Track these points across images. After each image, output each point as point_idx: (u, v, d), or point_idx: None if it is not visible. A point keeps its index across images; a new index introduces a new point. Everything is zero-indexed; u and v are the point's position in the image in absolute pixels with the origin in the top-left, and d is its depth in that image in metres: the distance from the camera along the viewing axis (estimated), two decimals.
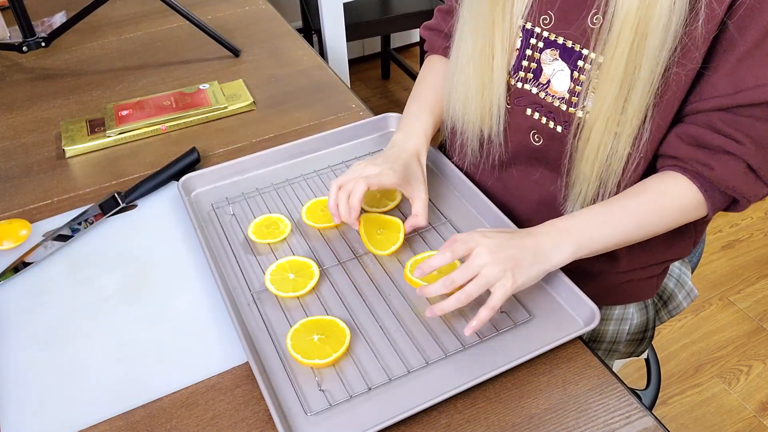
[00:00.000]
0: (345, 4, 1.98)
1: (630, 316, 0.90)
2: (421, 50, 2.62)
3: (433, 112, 0.87)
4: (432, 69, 0.93)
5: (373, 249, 0.78)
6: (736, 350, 1.68)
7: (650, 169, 0.74)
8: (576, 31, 0.71)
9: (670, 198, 0.70)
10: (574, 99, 0.73)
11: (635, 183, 0.73)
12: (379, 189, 0.77)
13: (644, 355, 1.03)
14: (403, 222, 0.80)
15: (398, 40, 2.89)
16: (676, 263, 0.97)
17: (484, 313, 0.64)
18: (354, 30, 2.16)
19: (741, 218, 2.04)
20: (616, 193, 0.73)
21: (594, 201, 0.74)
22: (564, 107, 0.74)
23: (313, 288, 0.74)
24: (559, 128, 0.76)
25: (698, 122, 0.68)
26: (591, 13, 0.68)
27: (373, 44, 2.90)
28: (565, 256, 0.68)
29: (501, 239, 0.67)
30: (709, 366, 1.65)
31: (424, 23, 0.98)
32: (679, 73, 0.65)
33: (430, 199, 0.87)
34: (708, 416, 1.54)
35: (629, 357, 0.98)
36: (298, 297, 0.74)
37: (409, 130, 0.84)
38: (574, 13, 0.70)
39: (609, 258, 0.82)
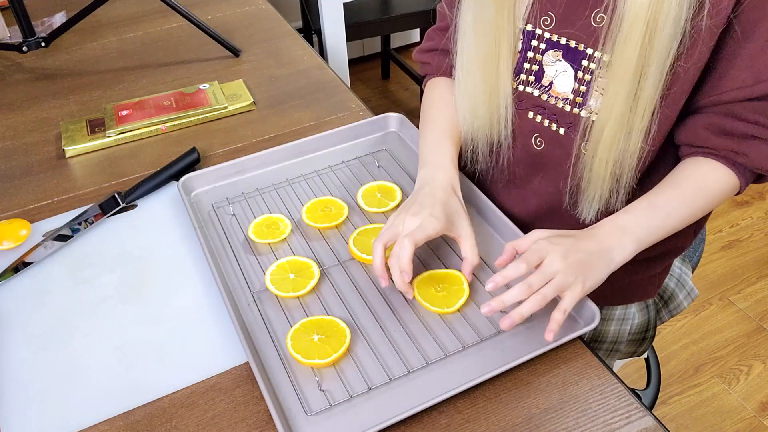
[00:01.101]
0: (345, 4, 1.98)
1: (631, 316, 0.90)
2: None
3: (453, 140, 0.82)
4: (439, 92, 0.89)
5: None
6: (736, 350, 1.68)
7: (657, 159, 0.74)
8: (580, 31, 0.70)
9: (711, 183, 0.71)
10: (579, 99, 0.72)
11: (649, 173, 0.73)
12: (427, 240, 0.71)
13: (644, 355, 1.03)
14: (460, 270, 0.74)
15: (398, 40, 2.89)
16: (677, 263, 0.97)
17: (558, 316, 0.64)
18: (354, 30, 2.16)
19: (741, 218, 2.05)
20: (631, 188, 0.73)
21: (608, 200, 0.74)
22: (568, 108, 0.74)
23: (313, 288, 0.74)
24: (561, 130, 0.75)
25: (721, 112, 0.69)
26: (594, 12, 0.68)
27: (373, 44, 2.90)
28: (627, 254, 0.68)
29: (568, 245, 0.66)
30: (709, 366, 1.65)
31: (418, 48, 0.93)
32: (686, 67, 0.65)
33: None
34: (708, 416, 1.54)
35: (630, 357, 0.98)
36: (298, 297, 0.74)
37: (435, 163, 0.79)
38: (577, 12, 0.70)
39: None
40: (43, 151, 1.02)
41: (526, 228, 0.81)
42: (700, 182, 0.71)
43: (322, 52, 2.06)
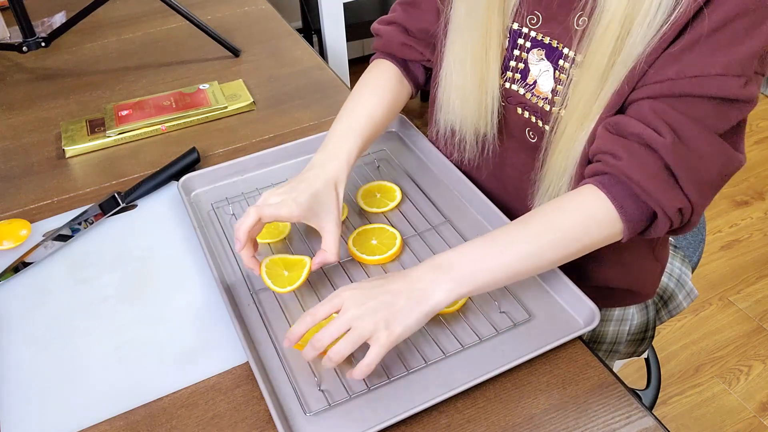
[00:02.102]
0: (345, 4, 1.98)
1: (630, 316, 0.90)
2: None
3: (362, 134, 0.79)
4: (375, 77, 0.86)
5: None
6: (736, 350, 1.68)
7: None
8: (562, 32, 0.70)
9: (571, 212, 0.64)
10: (557, 99, 0.72)
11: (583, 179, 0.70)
12: (276, 220, 0.71)
13: (644, 355, 1.03)
14: (311, 258, 0.74)
15: None
16: (677, 264, 0.97)
17: (361, 370, 0.59)
18: (354, 30, 2.16)
19: (740, 218, 2.05)
20: (569, 189, 0.71)
21: (553, 196, 0.73)
22: (547, 107, 0.74)
23: (307, 278, 0.73)
24: (546, 127, 0.76)
25: (627, 111, 0.64)
26: (577, 15, 0.68)
27: None
28: (444, 295, 0.61)
29: (369, 287, 0.62)
30: (709, 366, 1.65)
31: (381, 18, 0.90)
32: (641, 66, 0.62)
33: (429, 199, 0.87)
34: (708, 416, 1.54)
35: (630, 357, 0.98)
36: (293, 290, 0.72)
37: (332, 152, 0.77)
38: (561, 12, 0.70)
39: (596, 263, 0.82)
40: (43, 151, 1.02)
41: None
42: (556, 214, 0.64)
43: (322, 52, 2.06)
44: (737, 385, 1.60)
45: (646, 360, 1.09)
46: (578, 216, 0.64)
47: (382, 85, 0.86)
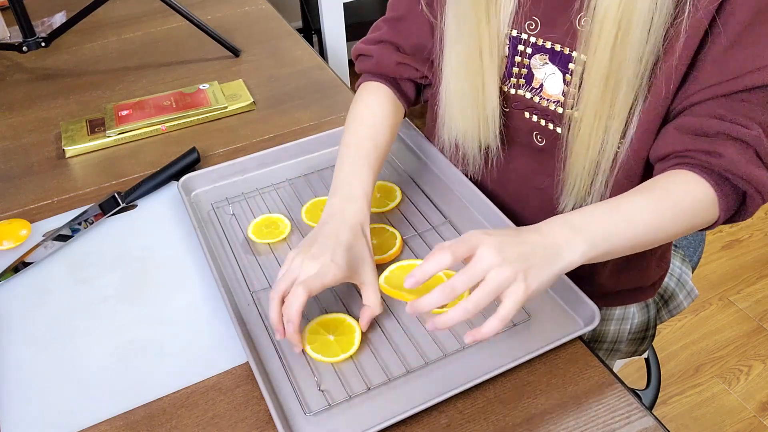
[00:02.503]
0: (345, 4, 1.98)
1: (631, 315, 0.90)
2: None
3: (372, 166, 0.76)
4: (368, 101, 0.84)
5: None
6: (736, 350, 1.68)
7: (646, 172, 0.72)
8: (563, 35, 0.70)
9: (681, 194, 0.63)
10: (570, 101, 0.72)
11: (625, 182, 0.70)
12: (324, 288, 0.65)
13: (644, 355, 1.04)
14: (357, 319, 0.69)
15: None
16: (677, 263, 0.98)
17: (494, 325, 0.55)
18: (354, 30, 2.17)
19: None
20: (606, 191, 0.71)
21: (585, 199, 0.73)
22: (560, 110, 0.74)
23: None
24: (558, 129, 0.76)
25: (697, 113, 0.64)
26: (578, 16, 0.68)
27: None
28: (578, 255, 0.58)
29: (506, 236, 0.58)
30: (709, 366, 1.65)
31: (363, 39, 0.87)
32: (668, 65, 0.63)
33: (429, 199, 0.87)
34: (708, 416, 1.55)
35: (631, 356, 0.98)
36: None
37: (347, 193, 0.73)
38: (561, 16, 0.70)
39: (599, 273, 0.81)
40: (43, 151, 1.02)
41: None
42: (669, 193, 0.64)
43: (322, 52, 2.06)
44: (737, 385, 1.60)
45: (646, 360, 1.09)
46: (690, 196, 0.64)
47: (382, 109, 0.83)
